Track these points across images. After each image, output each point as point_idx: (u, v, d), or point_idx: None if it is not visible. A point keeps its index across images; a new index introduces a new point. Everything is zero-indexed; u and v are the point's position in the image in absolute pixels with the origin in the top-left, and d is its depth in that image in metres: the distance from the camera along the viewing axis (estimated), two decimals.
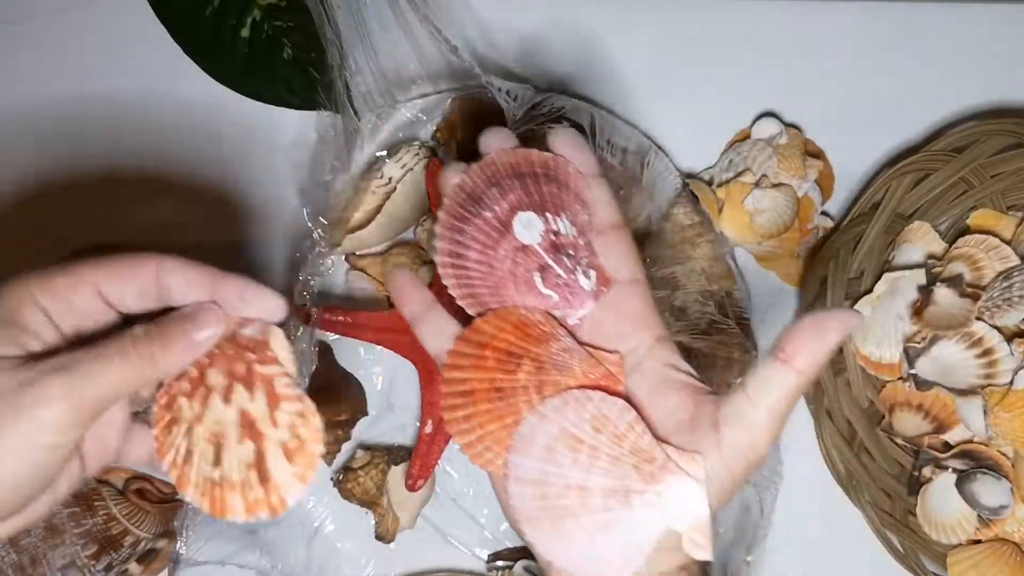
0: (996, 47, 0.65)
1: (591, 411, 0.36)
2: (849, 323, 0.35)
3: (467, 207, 0.39)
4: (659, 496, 0.35)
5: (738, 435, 0.35)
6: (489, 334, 0.38)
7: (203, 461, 0.35)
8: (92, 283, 0.34)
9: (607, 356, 0.38)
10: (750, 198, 0.61)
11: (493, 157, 0.40)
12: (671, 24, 0.66)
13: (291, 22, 0.62)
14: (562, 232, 0.39)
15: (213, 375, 0.35)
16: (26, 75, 0.67)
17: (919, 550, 0.58)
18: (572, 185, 0.40)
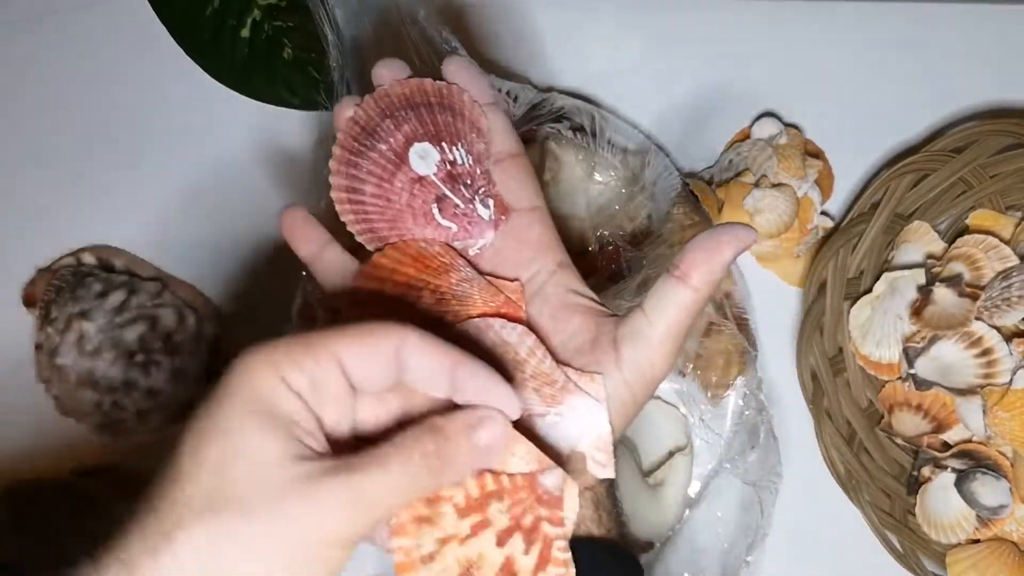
0: (996, 47, 0.65)
1: (491, 338, 0.36)
2: (744, 239, 0.35)
3: (361, 140, 0.39)
4: (560, 416, 0.35)
5: (637, 353, 0.35)
6: (388, 268, 0.38)
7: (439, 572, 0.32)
8: (335, 357, 0.30)
9: (507, 284, 0.38)
10: (750, 198, 0.61)
11: (386, 88, 0.39)
12: (671, 23, 0.66)
13: (291, 22, 0.62)
14: (458, 162, 0.39)
15: (497, 511, 0.32)
16: (27, 75, 0.67)
17: (918, 550, 0.58)
18: (467, 114, 0.39)
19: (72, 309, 0.59)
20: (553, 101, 0.59)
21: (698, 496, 0.60)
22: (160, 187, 0.65)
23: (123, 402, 0.59)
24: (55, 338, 0.59)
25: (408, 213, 0.39)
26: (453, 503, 0.32)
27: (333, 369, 0.30)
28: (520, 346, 0.36)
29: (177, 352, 0.60)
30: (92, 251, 0.64)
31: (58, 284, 0.61)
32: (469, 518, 0.32)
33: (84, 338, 0.58)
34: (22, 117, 0.66)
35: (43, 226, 0.65)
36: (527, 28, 0.66)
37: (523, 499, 0.33)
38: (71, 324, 0.58)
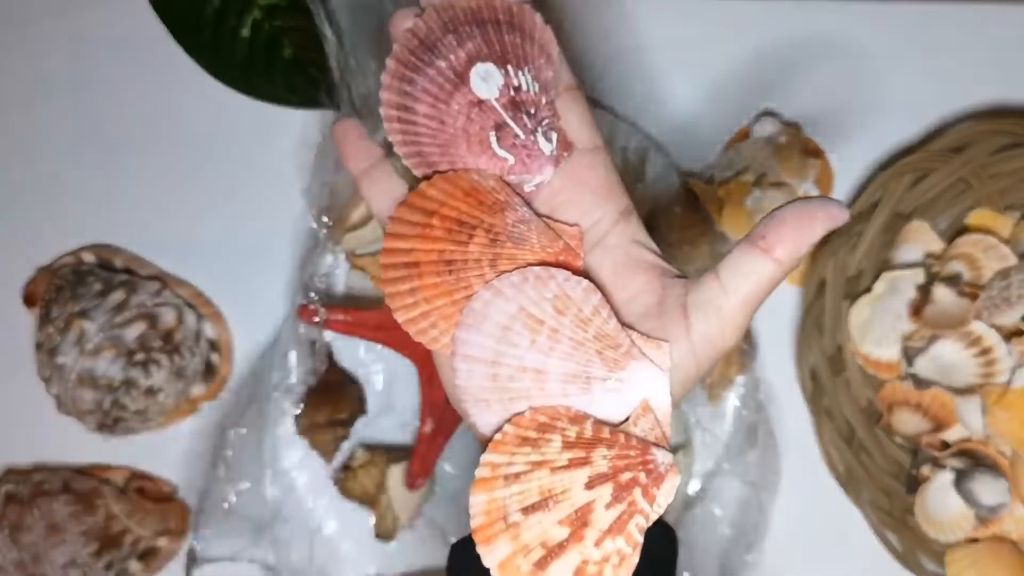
0: (996, 47, 0.65)
1: (554, 290, 0.33)
2: (837, 217, 0.32)
3: (419, 55, 0.35)
4: (621, 383, 0.33)
5: (708, 323, 0.33)
6: (438, 200, 0.35)
7: (517, 494, 0.32)
8: None
9: (566, 229, 0.35)
10: (750, 197, 0.61)
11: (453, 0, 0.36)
12: (671, 22, 0.66)
13: (291, 22, 0.62)
14: (523, 88, 0.35)
15: (601, 455, 0.32)
16: (27, 75, 0.67)
17: (918, 549, 0.58)
18: (538, 37, 0.36)
19: (72, 308, 0.59)
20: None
21: (697, 495, 0.60)
22: (160, 187, 0.65)
23: (123, 401, 0.59)
24: (55, 337, 0.59)
25: (463, 139, 0.35)
26: (564, 435, 0.32)
27: None
28: (584, 303, 0.33)
29: (177, 351, 0.61)
30: (92, 250, 0.64)
31: (58, 283, 0.61)
32: (572, 451, 0.32)
33: (84, 337, 0.58)
34: (22, 117, 0.66)
35: (43, 226, 0.65)
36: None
37: (631, 457, 0.32)
38: (71, 323, 0.58)
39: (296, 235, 0.64)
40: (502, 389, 0.33)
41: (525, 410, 0.33)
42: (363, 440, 0.63)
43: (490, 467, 0.32)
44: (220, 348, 0.64)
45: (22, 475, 0.61)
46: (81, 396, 0.59)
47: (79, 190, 0.66)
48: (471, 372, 0.33)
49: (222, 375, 0.64)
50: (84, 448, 0.62)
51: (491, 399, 0.33)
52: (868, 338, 0.59)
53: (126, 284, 0.61)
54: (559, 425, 0.32)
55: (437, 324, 0.34)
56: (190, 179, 0.65)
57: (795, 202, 0.33)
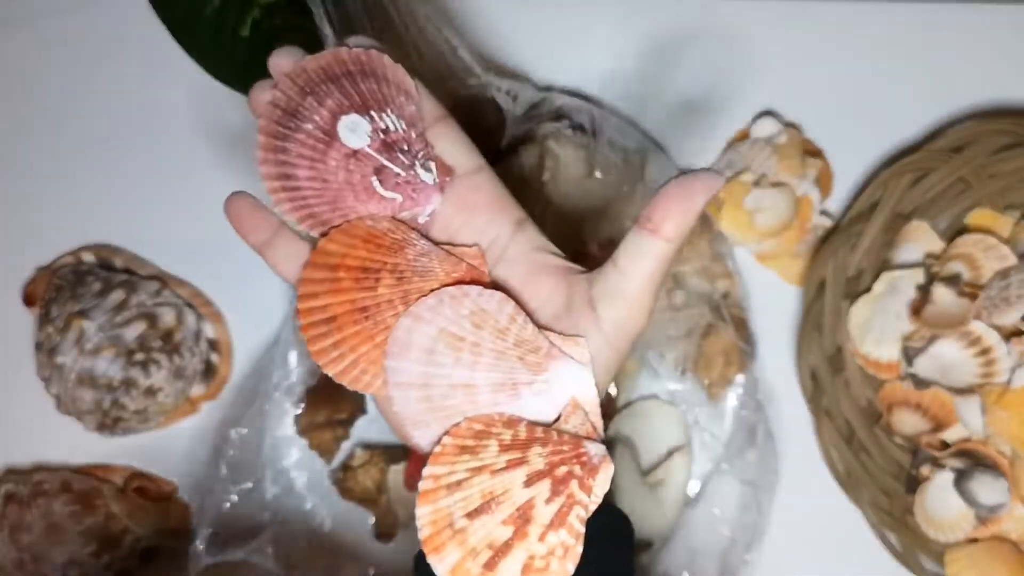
0: (995, 47, 0.65)
1: (469, 307, 0.35)
2: (714, 184, 0.34)
3: (284, 123, 0.37)
4: (547, 384, 0.34)
5: (615, 310, 0.35)
6: (339, 253, 0.36)
7: (460, 500, 0.33)
8: None
9: (466, 251, 0.36)
10: (750, 197, 0.62)
11: (302, 64, 0.37)
12: (671, 23, 0.66)
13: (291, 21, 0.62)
14: (391, 128, 0.37)
15: (536, 453, 0.33)
16: (26, 75, 0.67)
17: (917, 548, 0.58)
18: (391, 77, 0.37)
19: (72, 308, 0.59)
20: (553, 100, 0.59)
21: (697, 495, 0.60)
22: (160, 187, 0.66)
23: (123, 400, 0.59)
24: (55, 337, 0.59)
25: (348, 191, 0.37)
26: (499, 439, 0.33)
27: None
28: (500, 314, 0.35)
29: (176, 351, 0.61)
30: (92, 250, 0.64)
31: (58, 283, 0.61)
32: (508, 453, 0.33)
33: (84, 337, 0.58)
34: (22, 117, 0.66)
35: (43, 226, 0.65)
36: (527, 27, 0.66)
37: (564, 452, 0.33)
38: (71, 323, 0.58)
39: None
40: (437, 408, 0.34)
41: (462, 421, 0.34)
42: (363, 440, 0.63)
43: (432, 479, 0.34)
44: (220, 348, 0.64)
45: (22, 475, 0.61)
46: (81, 396, 0.59)
47: (79, 190, 0.66)
48: (405, 398, 0.35)
49: (222, 375, 0.64)
50: (84, 448, 0.62)
51: (429, 420, 0.35)
52: (868, 338, 0.59)
53: (126, 284, 0.61)
54: (494, 431, 0.34)
55: (367, 370, 0.35)
56: (190, 179, 0.65)
57: (674, 178, 0.34)
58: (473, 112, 0.62)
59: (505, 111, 0.58)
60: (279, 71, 0.37)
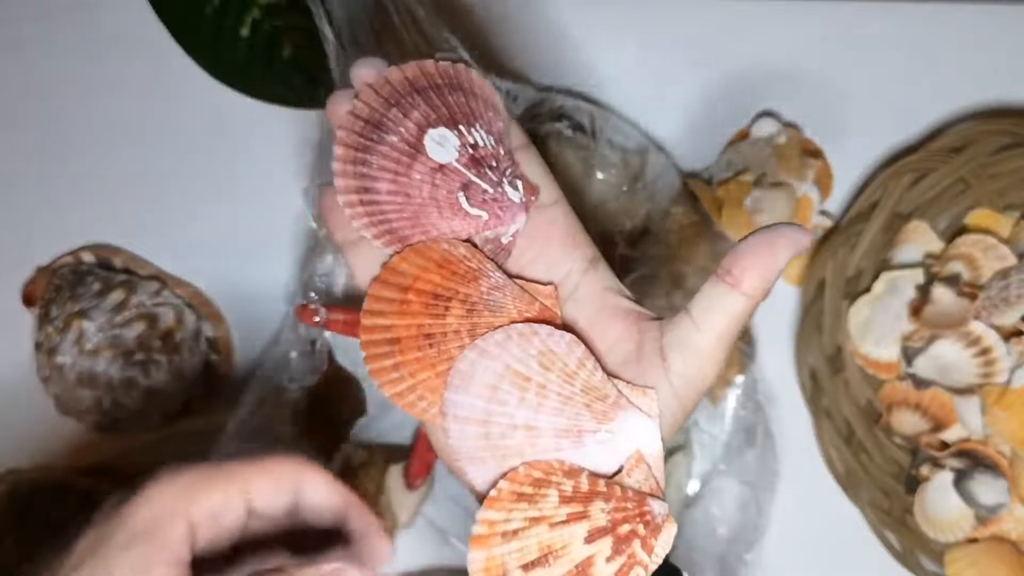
0: (995, 47, 0.65)
1: (538, 346, 0.34)
2: (799, 242, 0.32)
3: (367, 135, 0.35)
4: (612, 434, 0.33)
5: (686, 363, 0.33)
6: (411, 275, 0.35)
7: (516, 550, 0.32)
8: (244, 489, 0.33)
9: (541, 289, 0.35)
10: (749, 197, 0.62)
11: (385, 75, 0.35)
12: (671, 23, 0.66)
13: (291, 21, 0.62)
14: (480, 143, 0.35)
15: (599, 508, 0.32)
16: (26, 75, 0.67)
17: (917, 549, 0.58)
18: (479, 92, 0.36)
19: (71, 308, 0.59)
20: (552, 100, 0.59)
21: (696, 495, 0.60)
22: (160, 187, 0.65)
23: (122, 401, 0.59)
24: (54, 337, 0.59)
25: (432, 206, 0.35)
26: (560, 489, 0.32)
27: (238, 499, 0.32)
28: (569, 357, 0.33)
29: (176, 351, 0.61)
30: (91, 250, 0.64)
31: (57, 283, 0.61)
32: (569, 506, 0.32)
33: (83, 337, 0.58)
34: (22, 117, 0.66)
35: (43, 225, 0.65)
36: (527, 27, 0.66)
37: (628, 509, 0.32)
38: (70, 323, 0.58)
39: (296, 235, 0.64)
40: (495, 447, 0.33)
41: (520, 465, 0.33)
42: (363, 440, 0.63)
43: (487, 524, 0.32)
44: (220, 348, 0.64)
45: (22, 475, 0.61)
46: (80, 396, 0.59)
47: (79, 190, 0.66)
48: (463, 432, 0.34)
49: (222, 375, 0.64)
50: (84, 448, 0.62)
51: (485, 457, 0.34)
52: (867, 338, 0.59)
53: (125, 284, 0.61)
54: (554, 480, 0.33)
55: (424, 396, 0.35)
56: (190, 179, 0.65)
57: (757, 232, 0.33)
58: None
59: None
60: (361, 81, 0.35)
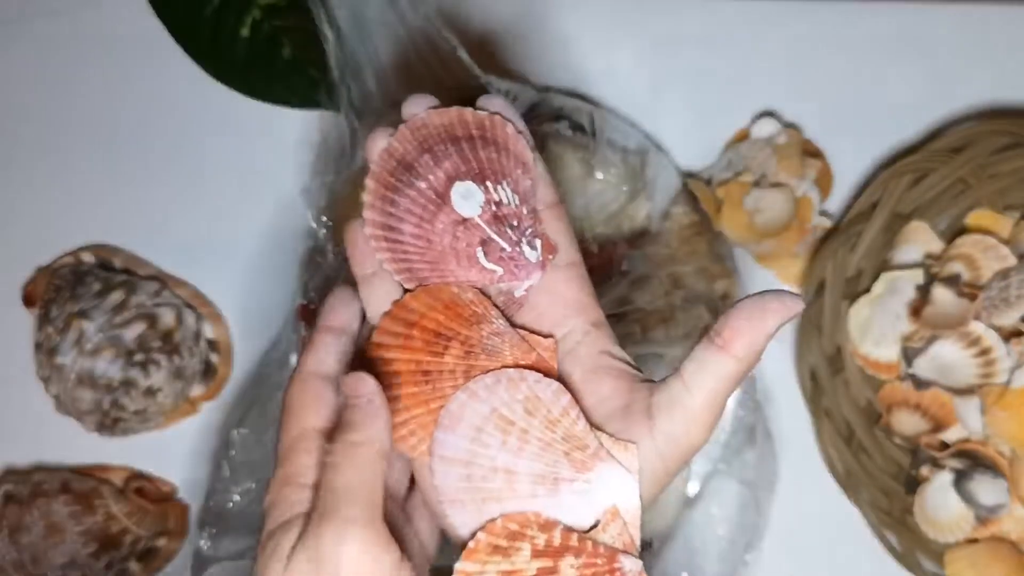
0: (996, 47, 0.65)
1: (524, 392, 0.34)
2: (791, 308, 0.33)
3: (398, 175, 0.37)
4: (589, 484, 0.33)
5: (673, 424, 0.33)
6: (419, 312, 0.36)
7: None
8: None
9: (540, 341, 0.36)
10: (749, 197, 0.61)
11: (423, 117, 0.37)
12: (671, 23, 0.66)
13: (291, 21, 0.62)
14: (504, 202, 0.36)
15: (568, 565, 0.32)
16: (26, 75, 0.67)
17: (917, 549, 0.58)
18: (512, 148, 0.37)
19: (71, 308, 0.59)
20: (552, 100, 0.59)
21: (696, 496, 0.60)
22: (160, 187, 0.66)
23: (122, 401, 0.59)
24: (54, 337, 0.59)
25: (451, 255, 0.37)
26: (532, 543, 0.33)
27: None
28: (554, 405, 0.34)
29: (176, 351, 0.61)
30: (91, 250, 0.64)
31: (57, 283, 0.61)
32: (540, 561, 0.32)
33: (83, 337, 0.58)
34: (22, 117, 0.66)
35: (42, 226, 0.65)
36: (526, 27, 0.66)
37: (598, 565, 0.32)
38: (70, 323, 0.58)
39: (296, 235, 0.64)
40: (475, 489, 0.34)
41: (497, 517, 0.33)
42: None
43: (462, 574, 0.33)
44: (220, 348, 0.64)
45: (21, 475, 0.61)
46: (80, 396, 0.59)
47: (79, 190, 0.66)
48: (447, 473, 0.34)
49: (222, 375, 0.64)
50: (83, 448, 0.62)
51: (465, 499, 0.34)
52: (867, 338, 0.59)
53: (125, 284, 0.61)
54: (528, 533, 0.33)
55: (415, 432, 0.35)
56: (190, 179, 0.65)
57: (749, 296, 0.33)
58: None
59: None
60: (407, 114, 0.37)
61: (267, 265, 0.64)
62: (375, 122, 0.62)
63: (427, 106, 0.37)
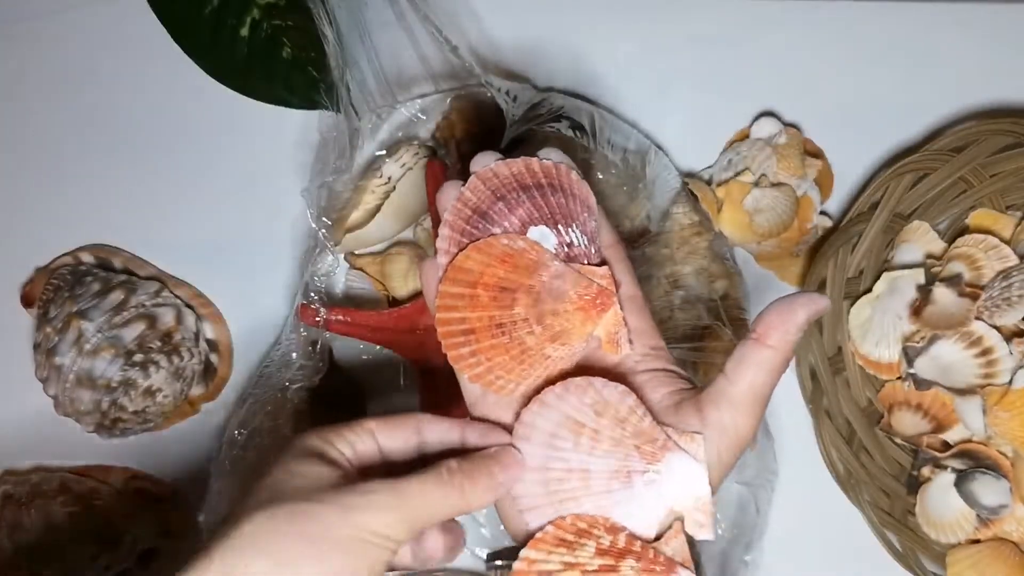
0: (996, 47, 0.65)
1: (592, 396, 0.37)
2: (817, 304, 0.36)
3: (473, 223, 0.39)
4: (659, 475, 0.35)
5: (721, 414, 0.36)
6: (477, 272, 0.38)
7: None
8: (371, 431, 0.37)
9: (596, 271, 0.38)
10: (749, 197, 0.61)
11: (493, 168, 0.39)
12: (671, 23, 0.66)
13: (290, 21, 0.62)
14: (575, 243, 0.39)
15: (629, 566, 0.35)
16: (26, 75, 0.67)
17: (918, 549, 0.58)
18: (577, 192, 0.39)
19: (70, 308, 0.59)
20: (552, 100, 0.59)
21: None
22: (160, 187, 0.65)
23: (122, 401, 0.59)
24: (53, 337, 0.59)
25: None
26: (598, 542, 0.35)
27: (367, 438, 0.36)
28: (620, 405, 0.36)
29: (176, 351, 0.60)
30: (91, 250, 0.64)
31: (56, 283, 0.61)
32: (603, 558, 0.35)
33: (83, 337, 0.58)
34: (21, 117, 0.66)
35: (42, 226, 0.65)
36: (526, 27, 0.66)
37: (655, 572, 0.35)
38: (69, 323, 0.58)
39: (296, 235, 0.64)
40: (552, 492, 0.36)
41: (567, 516, 0.36)
42: None
43: (527, 561, 0.35)
44: (219, 348, 0.64)
45: (20, 476, 0.61)
46: (79, 397, 0.58)
47: (78, 190, 0.65)
48: (524, 480, 0.37)
49: (221, 375, 0.64)
50: (83, 449, 0.62)
51: (542, 504, 0.36)
52: (868, 338, 0.59)
53: (125, 284, 0.61)
54: (595, 532, 0.35)
55: (501, 375, 0.38)
56: (189, 179, 0.65)
57: (780, 297, 0.37)
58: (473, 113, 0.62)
59: (504, 112, 0.58)
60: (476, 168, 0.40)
61: (267, 265, 0.64)
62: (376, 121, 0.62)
63: (494, 160, 0.39)
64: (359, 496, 0.33)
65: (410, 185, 0.60)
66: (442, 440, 0.38)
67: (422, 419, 0.38)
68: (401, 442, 0.37)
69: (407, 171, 0.60)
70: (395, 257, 0.61)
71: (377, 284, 0.62)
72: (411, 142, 0.62)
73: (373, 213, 0.60)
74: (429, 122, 0.63)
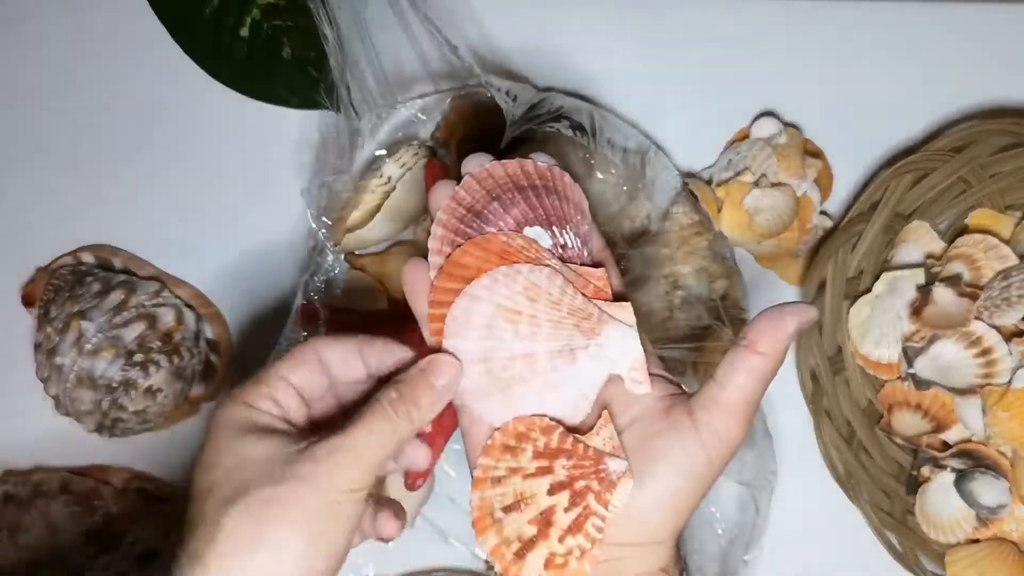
0: (996, 47, 0.65)
1: (522, 283, 0.37)
2: (807, 314, 0.37)
3: (468, 222, 0.39)
4: (600, 347, 0.37)
5: (711, 416, 0.37)
6: (474, 267, 0.38)
7: (499, 495, 0.37)
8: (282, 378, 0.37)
9: (592, 272, 0.39)
10: (749, 197, 0.61)
11: (488, 168, 0.39)
12: (671, 23, 0.66)
13: (290, 21, 0.62)
14: (568, 245, 0.39)
15: (560, 465, 0.37)
16: (26, 75, 0.67)
17: (918, 549, 0.58)
18: (571, 196, 0.40)
19: (71, 308, 0.59)
20: (552, 100, 0.59)
21: None
22: (160, 187, 0.65)
23: (122, 401, 0.59)
24: (54, 337, 0.59)
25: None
26: (535, 445, 0.37)
27: (284, 387, 0.37)
28: (552, 287, 0.37)
29: (176, 351, 0.60)
30: (91, 250, 0.64)
31: (57, 283, 0.61)
32: (538, 461, 0.37)
33: (83, 337, 0.58)
34: (21, 117, 0.66)
35: (43, 226, 0.65)
36: (526, 27, 0.66)
37: (585, 467, 0.37)
38: (70, 323, 0.58)
39: (296, 235, 0.64)
40: (499, 379, 0.37)
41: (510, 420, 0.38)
42: None
43: (482, 468, 0.38)
44: (220, 348, 0.64)
45: (21, 476, 0.61)
46: (80, 397, 0.58)
47: (78, 190, 0.65)
48: (467, 374, 0.38)
49: (222, 375, 0.64)
50: (83, 449, 0.62)
51: (491, 390, 0.38)
52: (868, 338, 0.59)
53: (125, 284, 0.61)
54: (532, 435, 0.37)
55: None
56: (190, 179, 0.65)
57: (770, 307, 0.38)
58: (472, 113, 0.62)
59: (504, 112, 0.58)
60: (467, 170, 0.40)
61: (267, 265, 0.64)
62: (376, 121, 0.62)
63: (486, 162, 0.39)
64: (316, 464, 0.34)
65: (410, 185, 0.60)
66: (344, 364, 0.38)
67: (319, 344, 0.38)
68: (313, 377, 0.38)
69: (407, 171, 0.60)
70: (395, 257, 0.62)
71: (377, 284, 0.62)
72: (411, 142, 0.62)
73: (373, 213, 0.60)
74: (429, 122, 0.63)
